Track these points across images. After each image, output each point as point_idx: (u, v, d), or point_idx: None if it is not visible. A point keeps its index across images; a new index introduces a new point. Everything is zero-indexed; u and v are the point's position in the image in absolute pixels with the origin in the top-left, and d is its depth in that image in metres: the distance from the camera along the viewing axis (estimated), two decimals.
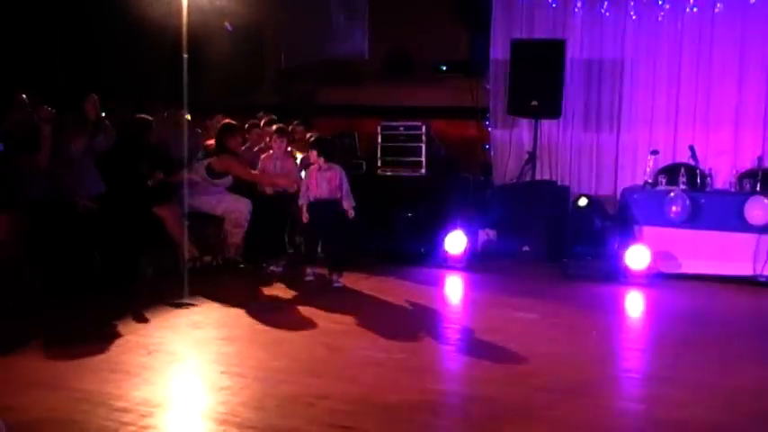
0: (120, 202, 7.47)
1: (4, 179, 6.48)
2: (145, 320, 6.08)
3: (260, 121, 9.29)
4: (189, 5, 8.25)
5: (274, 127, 8.74)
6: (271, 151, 8.47)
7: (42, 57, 9.17)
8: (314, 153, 7.65)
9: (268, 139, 8.86)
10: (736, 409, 4.46)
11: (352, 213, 7.70)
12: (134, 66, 9.80)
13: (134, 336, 5.64)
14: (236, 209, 8.27)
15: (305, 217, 7.66)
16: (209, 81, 9.97)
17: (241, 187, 8.48)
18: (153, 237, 7.63)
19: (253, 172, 8.41)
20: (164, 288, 7.14)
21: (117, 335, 5.64)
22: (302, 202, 7.67)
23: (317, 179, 7.60)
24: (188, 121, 8.90)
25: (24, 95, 7.20)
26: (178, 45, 8.20)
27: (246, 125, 9.02)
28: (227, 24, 10.27)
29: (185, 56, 7.53)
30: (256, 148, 8.88)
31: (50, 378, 4.65)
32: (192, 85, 8.23)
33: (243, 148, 8.66)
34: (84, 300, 6.69)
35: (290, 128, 9.23)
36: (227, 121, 8.58)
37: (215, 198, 8.29)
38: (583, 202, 8.92)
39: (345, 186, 7.75)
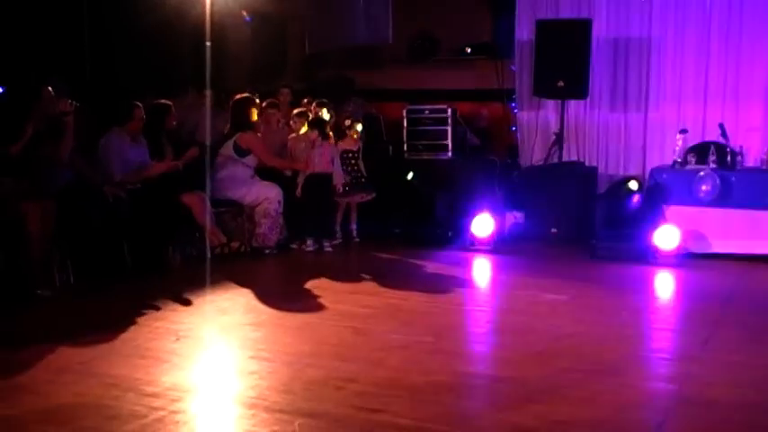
0: (148, 189, 7.53)
1: (32, 169, 6.53)
2: (173, 307, 6.11)
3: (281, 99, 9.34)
4: None
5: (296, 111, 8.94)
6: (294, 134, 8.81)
7: (69, 46, 9.20)
8: (315, 132, 8.57)
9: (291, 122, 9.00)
10: (766, 388, 4.40)
11: (340, 189, 8.83)
12: (160, 54, 9.83)
13: (162, 322, 5.67)
14: (266, 197, 8.28)
15: (299, 191, 8.54)
16: (233, 68, 9.99)
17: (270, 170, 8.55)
18: (180, 224, 7.67)
19: (272, 157, 8.49)
20: (191, 275, 7.19)
21: (145, 321, 5.67)
22: (300, 179, 8.61)
23: (312, 155, 8.55)
24: (213, 103, 8.98)
25: (50, 88, 7.23)
26: (202, 33, 8.24)
27: (264, 104, 9.04)
28: (244, 14, 10.27)
29: (208, 43, 7.57)
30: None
31: (80, 364, 4.68)
32: (216, 71, 8.27)
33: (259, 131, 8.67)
34: (112, 286, 6.75)
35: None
36: (241, 95, 8.55)
37: (244, 186, 8.31)
38: (634, 185, 8.82)
39: (337, 162, 8.81)
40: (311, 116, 8.91)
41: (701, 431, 3.84)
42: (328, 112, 9.24)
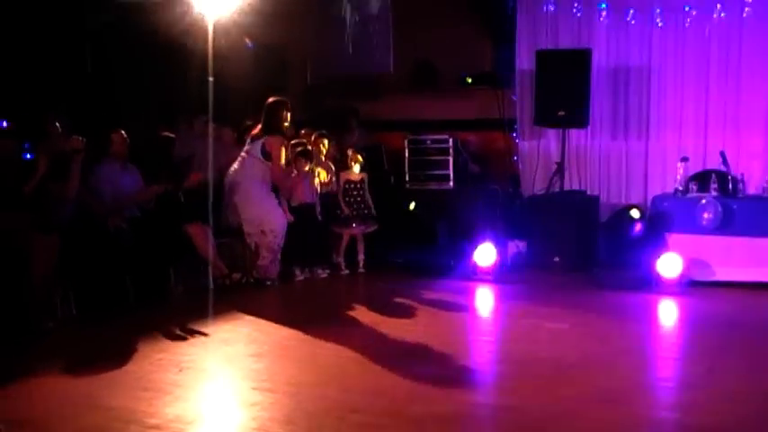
0: (150, 220, 7.56)
1: (40, 203, 6.56)
2: (175, 338, 6.11)
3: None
4: (214, 25, 8.35)
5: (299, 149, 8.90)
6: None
7: (71, 77, 9.27)
8: (306, 162, 8.69)
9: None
10: None
11: (320, 218, 8.97)
12: (162, 85, 9.90)
13: (165, 353, 5.66)
14: (271, 230, 8.25)
15: (289, 216, 8.53)
16: (234, 97, 10.03)
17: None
18: (183, 255, 7.68)
19: (281, 173, 8.48)
20: (193, 306, 7.19)
21: (148, 353, 5.66)
22: (283, 204, 8.60)
23: (302, 186, 8.71)
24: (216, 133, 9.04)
25: (57, 123, 7.25)
26: (204, 63, 8.28)
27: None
28: (247, 41, 10.34)
29: (211, 78, 7.63)
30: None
31: (83, 396, 4.68)
32: (218, 101, 8.30)
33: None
34: (114, 318, 6.75)
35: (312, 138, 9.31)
36: (274, 98, 8.54)
37: (261, 192, 8.33)
38: (635, 213, 8.81)
39: (316, 193, 8.99)
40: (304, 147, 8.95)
41: None
42: (329, 143, 9.30)
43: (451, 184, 9.80)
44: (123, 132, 7.69)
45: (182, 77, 9.39)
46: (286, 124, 8.50)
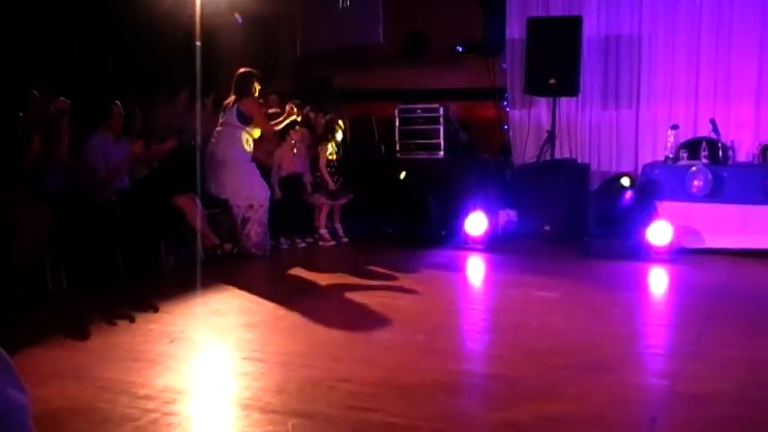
0: (140, 192, 7.52)
1: (31, 174, 6.52)
2: (166, 309, 6.09)
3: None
4: None
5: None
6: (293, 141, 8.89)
7: (59, 49, 9.17)
8: (295, 133, 8.82)
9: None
10: (761, 383, 4.40)
11: (310, 189, 9.07)
12: (150, 55, 9.81)
13: (155, 324, 5.65)
14: (261, 205, 8.22)
15: (278, 193, 8.67)
16: (224, 69, 9.96)
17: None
18: (173, 226, 7.66)
19: (269, 123, 8.51)
20: (184, 277, 7.18)
21: (138, 324, 5.65)
22: (274, 179, 8.74)
23: (292, 156, 8.74)
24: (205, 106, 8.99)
25: (35, 91, 7.16)
26: (192, 35, 8.21)
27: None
28: (236, 16, 10.25)
29: (198, 44, 7.54)
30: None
31: (73, 368, 4.67)
32: (208, 73, 8.23)
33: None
34: (105, 290, 6.73)
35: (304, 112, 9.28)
36: (244, 69, 8.48)
37: (249, 182, 8.28)
38: (626, 181, 8.82)
39: (307, 162, 9.11)
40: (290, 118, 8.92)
41: (694, 426, 3.84)
42: (300, 113, 9.28)
43: (442, 153, 9.80)
44: (120, 105, 7.64)
45: (170, 50, 9.33)
46: (256, 95, 8.45)
